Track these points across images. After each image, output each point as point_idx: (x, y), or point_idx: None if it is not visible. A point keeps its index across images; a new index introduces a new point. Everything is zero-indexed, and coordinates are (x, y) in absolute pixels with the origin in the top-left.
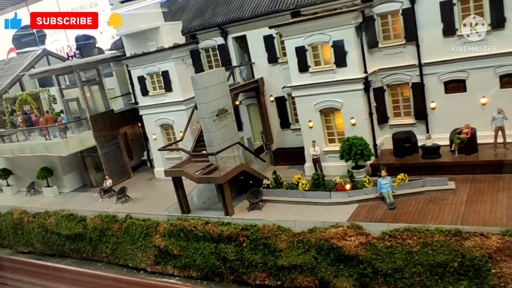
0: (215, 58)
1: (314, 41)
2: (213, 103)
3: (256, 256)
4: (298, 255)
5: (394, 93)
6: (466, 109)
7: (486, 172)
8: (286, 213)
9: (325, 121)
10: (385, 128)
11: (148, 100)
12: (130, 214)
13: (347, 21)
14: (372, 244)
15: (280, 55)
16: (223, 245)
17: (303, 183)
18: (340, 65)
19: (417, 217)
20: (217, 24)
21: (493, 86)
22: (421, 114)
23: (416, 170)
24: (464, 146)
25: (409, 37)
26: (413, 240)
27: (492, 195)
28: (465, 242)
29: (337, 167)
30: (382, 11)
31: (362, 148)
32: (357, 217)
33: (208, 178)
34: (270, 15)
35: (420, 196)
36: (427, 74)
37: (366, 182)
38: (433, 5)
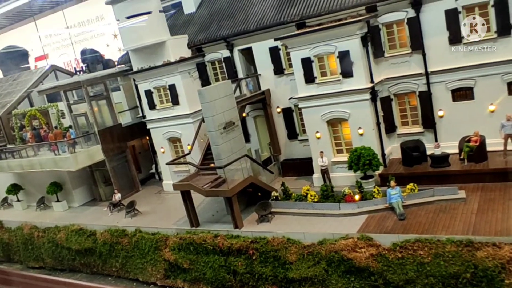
0: (221, 71)
1: (319, 52)
2: (220, 116)
3: (266, 269)
4: (308, 268)
5: (401, 102)
6: (474, 117)
7: (496, 180)
8: (295, 225)
9: (333, 132)
10: (393, 137)
11: (155, 113)
12: (140, 228)
13: (353, 32)
14: (383, 255)
15: (286, 66)
16: (232, 258)
17: (311, 195)
18: (346, 76)
19: (427, 227)
20: (222, 37)
21: (501, 93)
22: (429, 122)
23: (425, 179)
24: (473, 154)
25: (415, 46)
26: (425, 251)
27: (503, 204)
28: (477, 253)
29: (345, 177)
30: (387, 20)
31: (370, 158)
32: (367, 228)
33: (216, 191)
34: (275, 27)
35: (430, 205)
36: (434, 83)
37: (375, 192)
38: (438, 13)
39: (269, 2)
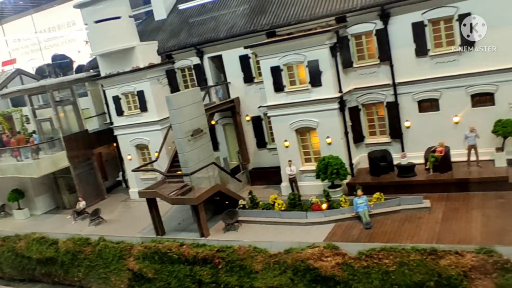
0: (191, 78)
1: (289, 61)
2: (188, 123)
3: (232, 278)
4: (274, 277)
5: (369, 112)
6: (439, 128)
7: (460, 190)
8: (262, 234)
9: (301, 141)
10: (361, 147)
11: (123, 120)
12: (104, 236)
13: (322, 42)
14: (348, 264)
15: (256, 75)
16: (198, 268)
17: (279, 203)
18: (315, 85)
19: (393, 236)
20: (192, 44)
21: (465, 105)
22: (396, 133)
23: (392, 188)
24: (438, 164)
25: (383, 57)
26: (390, 259)
27: (466, 213)
28: (441, 261)
29: (313, 186)
30: (356, 31)
31: (338, 167)
32: (333, 237)
33: (182, 199)
34: (246, 35)
35: (396, 215)
36: (401, 94)
37: (342, 201)
38: (405, 26)
39: (239, 10)
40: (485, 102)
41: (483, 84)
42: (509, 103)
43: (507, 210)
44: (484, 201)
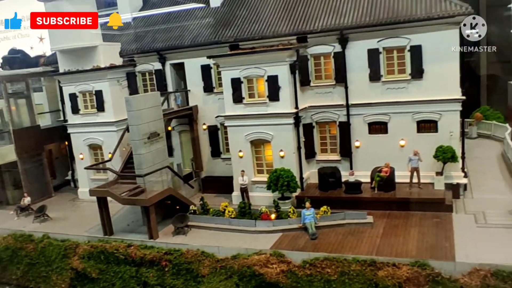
0: (151, 83)
1: (249, 74)
2: (145, 126)
3: (178, 282)
4: (220, 281)
5: (322, 130)
6: (386, 150)
7: (401, 209)
8: (211, 239)
9: (255, 152)
10: (312, 163)
11: (78, 118)
12: (48, 234)
13: (282, 58)
14: (293, 272)
15: (216, 85)
16: (144, 269)
17: (229, 211)
18: (273, 99)
19: (336, 247)
20: (156, 50)
21: (411, 130)
22: (346, 151)
23: (339, 204)
24: (383, 183)
25: (339, 79)
26: (332, 269)
27: (405, 230)
28: (379, 272)
29: (264, 197)
30: (315, 52)
31: (289, 180)
32: (280, 245)
33: (134, 200)
34: (209, 45)
35: (340, 228)
36: (354, 115)
37: (290, 212)
38: (361, 51)
39: (205, 21)
40: (429, 129)
41: (428, 112)
42: (450, 132)
43: (441, 229)
44: (421, 220)
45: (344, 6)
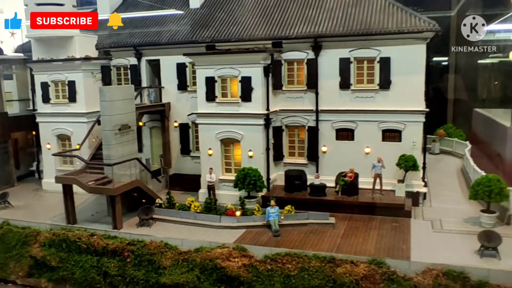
0: (125, 77)
1: (224, 74)
2: (117, 117)
3: (139, 273)
4: (181, 274)
5: (291, 133)
6: (352, 156)
7: (362, 213)
8: (175, 232)
9: (225, 151)
10: (279, 165)
11: (48, 107)
12: (8, 220)
13: (257, 61)
14: (254, 266)
15: (190, 83)
16: (106, 259)
17: (195, 205)
18: (245, 100)
19: (298, 244)
20: (133, 45)
21: (377, 138)
22: (313, 156)
23: (303, 205)
24: (347, 188)
25: (310, 85)
26: (292, 264)
27: (365, 232)
28: (338, 269)
29: (230, 196)
30: (289, 57)
31: (256, 179)
32: (243, 240)
33: (101, 189)
34: (186, 44)
35: (303, 227)
36: (322, 120)
37: (255, 210)
38: (333, 59)
39: (184, 20)
40: (393, 138)
41: (393, 122)
42: (413, 141)
43: (399, 232)
44: (381, 223)
45: (319, 16)
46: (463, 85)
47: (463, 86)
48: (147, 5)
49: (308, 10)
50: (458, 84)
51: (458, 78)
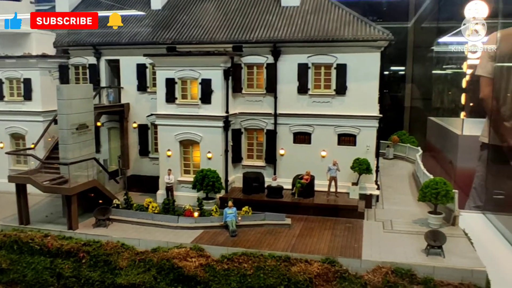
0: (84, 77)
1: (184, 76)
2: (75, 116)
3: (95, 274)
4: (138, 274)
5: (250, 136)
6: (308, 159)
7: (318, 214)
8: (132, 233)
9: (184, 152)
10: (238, 167)
11: (2, 105)
12: None
13: (217, 63)
14: (211, 266)
15: (150, 84)
16: (60, 261)
17: (153, 206)
18: (205, 102)
19: (254, 244)
20: (92, 44)
21: (332, 142)
22: (271, 158)
23: (261, 207)
24: (303, 190)
25: (269, 89)
26: (248, 264)
27: (319, 232)
28: (292, 268)
29: (189, 197)
30: (249, 61)
31: (214, 180)
32: (200, 240)
33: (56, 188)
34: (147, 45)
35: (260, 228)
36: (280, 124)
37: (213, 211)
38: (292, 65)
39: (145, 21)
40: (348, 142)
41: (348, 126)
42: (367, 146)
43: (352, 232)
44: (335, 224)
45: (279, 22)
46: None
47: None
48: (108, 4)
49: (268, 16)
50: (414, 93)
51: (414, 87)
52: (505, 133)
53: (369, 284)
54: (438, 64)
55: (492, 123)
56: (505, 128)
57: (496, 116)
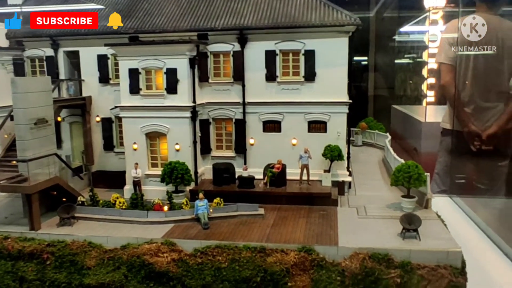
0: (41, 69)
1: (148, 66)
2: (33, 110)
3: (60, 275)
4: (107, 273)
5: (218, 126)
6: (279, 148)
7: (291, 203)
8: (99, 230)
9: (150, 145)
10: (207, 159)
11: None
12: None
13: (182, 52)
14: (184, 260)
15: (112, 76)
16: (22, 263)
17: (120, 202)
18: (171, 92)
19: (228, 236)
20: (48, 35)
21: (303, 130)
22: (241, 148)
23: (232, 198)
24: (275, 179)
25: (236, 77)
26: (223, 256)
27: (294, 221)
28: (268, 258)
29: (157, 191)
30: (215, 50)
31: (183, 172)
32: (171, 235)
33: (15, 187)
34: (108, 35)
35: (233, 219)
36: (249, 113)
37: (184, 204)
38: (259, 52)
39: (105, 11)
40: (319, 129)
41: (318, 113)
42: (337, 132)
43: (326, 220)
44: (309, 212)
45: (244, 8)
46: (382, 83)
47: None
48: None
49: (233, 3)
50: (378, 82)
51: (378, 76)
52: (465, 118)
53: (347, 271)
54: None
55: (453, 109)
56: (465, 114)
57: (457, 102)
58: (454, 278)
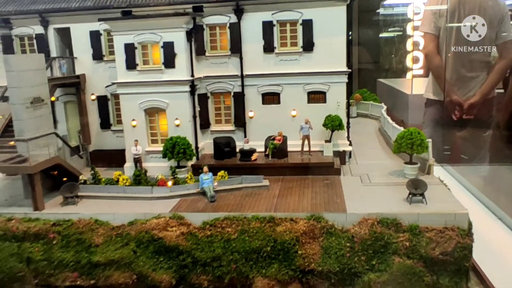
0: (31, 48)
1: (144, 40)
2: (28, 89)
3: (68, 254)
4: (115, 250)
5: (217, 100)
6: (279, 120)
7: (294, 174)
8: (104, 208)
9: (150, 121)
10: (206, 133)
11: None
12: None
13: (179, 24)
14: (193, 234)
15: (106, 53)
16: (28, 244)
17: (124, 179)
18: (168, 66)
19: (236, 207)
20: (37, 11)
21: (302, 100)
22: (240, 122)
23: (235, 171)
24: (276, 151)
25: (234, 50)
26: (232, 228)
27: (299, 191)
28: (278, 228)
29: (159, 167)
30: (211, 22)
31: (185, 147)
32: (179, 209)
33: (15, 168)
34: (100, 10)
35: (238, 192)
36: (248, 85)
37: (188, 178)
38: (256, 23)
39: None
40: (318, 99)
41: (318, 84)
42: (337, 102)
43: (331, 188)
44: (313, 182)
45: None
46: (367, 57)
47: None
48: None
49: None
50: (363, 56)
51: (362, 50)
52: (448, 88)
53: (356, 237)
54: (384, 27)
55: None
56: (447, 83)
57: (440, 71)
58: (461, 239)
